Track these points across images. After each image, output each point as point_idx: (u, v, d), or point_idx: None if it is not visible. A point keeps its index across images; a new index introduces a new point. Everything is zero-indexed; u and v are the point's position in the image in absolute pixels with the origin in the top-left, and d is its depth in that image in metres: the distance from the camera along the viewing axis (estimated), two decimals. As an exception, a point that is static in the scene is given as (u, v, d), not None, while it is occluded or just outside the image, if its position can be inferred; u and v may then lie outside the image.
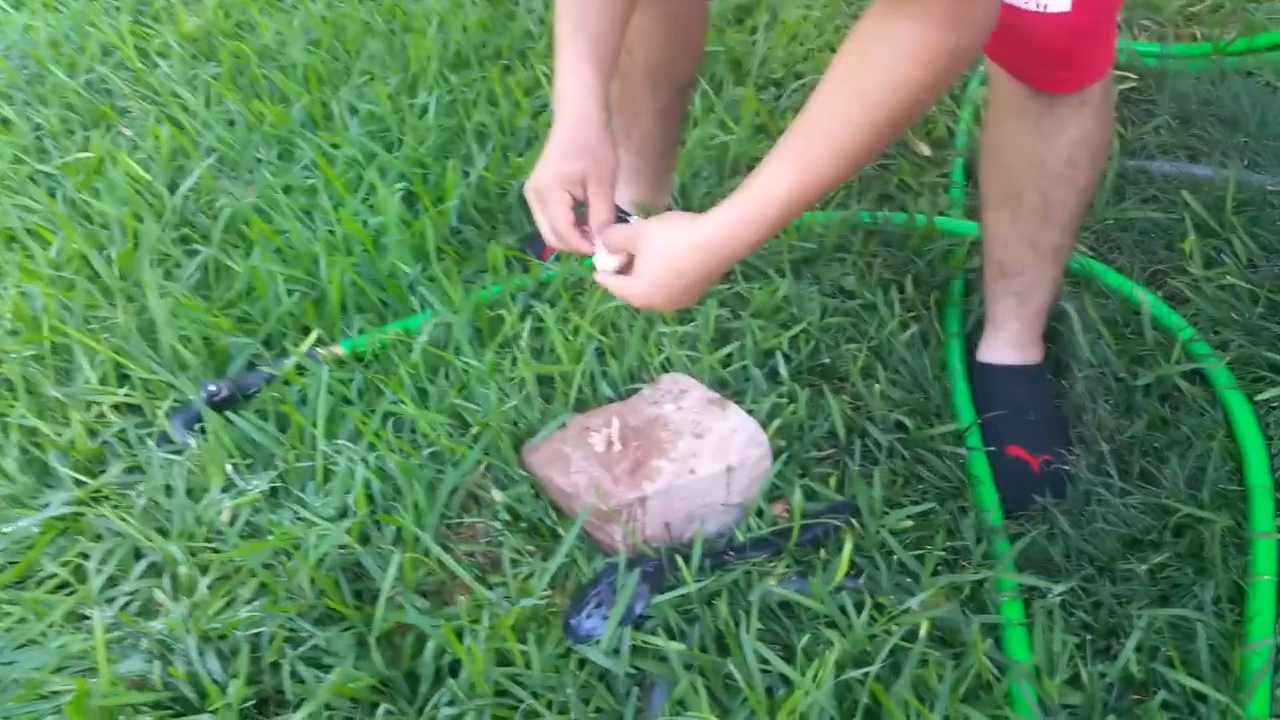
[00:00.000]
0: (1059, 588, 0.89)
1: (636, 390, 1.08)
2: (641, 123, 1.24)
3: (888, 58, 0.68)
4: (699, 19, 1.19)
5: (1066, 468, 1.01)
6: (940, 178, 1.42)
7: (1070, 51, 0.88)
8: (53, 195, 1.44)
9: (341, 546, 0.96)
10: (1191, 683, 0.81)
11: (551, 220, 0.90)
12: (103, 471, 1.07)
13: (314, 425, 1.05)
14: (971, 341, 1.15)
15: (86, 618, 0.95)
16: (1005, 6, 0.82)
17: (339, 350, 1.15)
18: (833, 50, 1.64)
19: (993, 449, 1.03)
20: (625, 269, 0.86)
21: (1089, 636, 0.87)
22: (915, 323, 1.17)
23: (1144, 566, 0.90)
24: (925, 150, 1.47)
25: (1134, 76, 1.55)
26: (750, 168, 1.44)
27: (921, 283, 1.23)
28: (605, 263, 0.88)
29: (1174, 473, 0.97)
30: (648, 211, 1.32)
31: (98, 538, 1.01)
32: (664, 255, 0.80)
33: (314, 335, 1.17)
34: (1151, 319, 1.13)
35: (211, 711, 0.84)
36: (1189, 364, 1.08)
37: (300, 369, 1.12)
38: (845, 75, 0.71)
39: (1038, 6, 0.84)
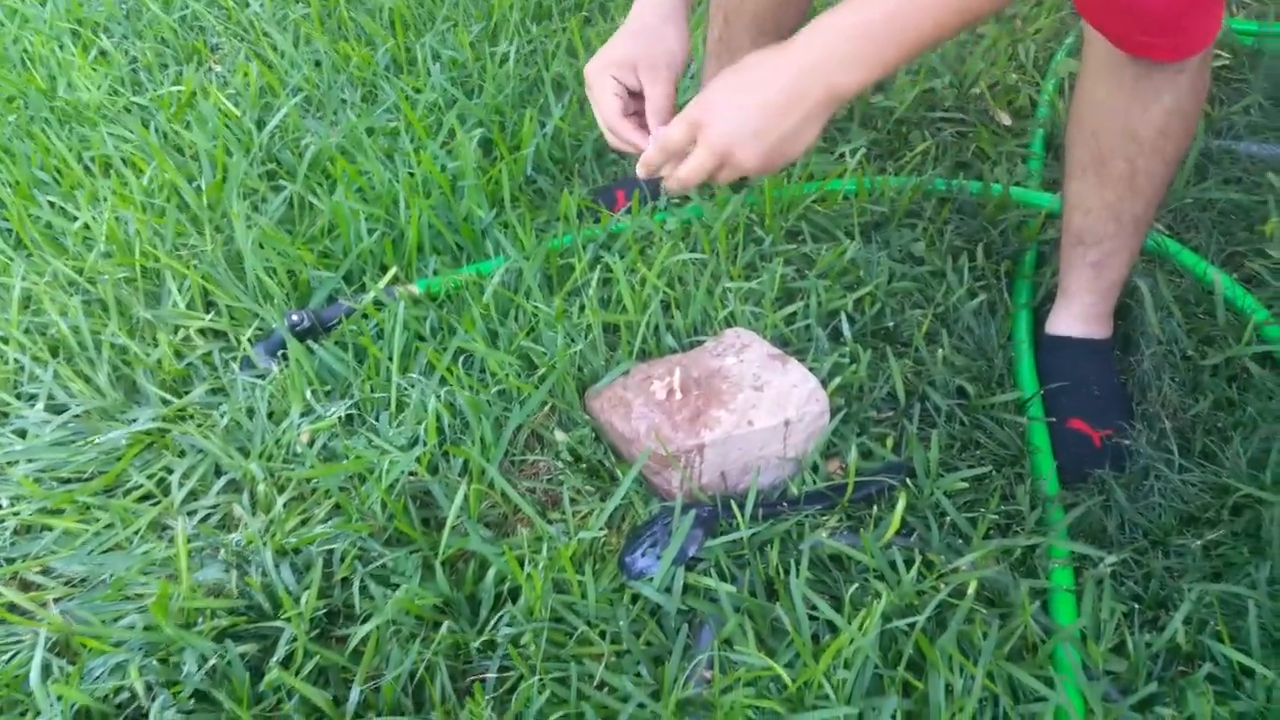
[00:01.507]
0: (1111, 558, 0.89)
1: (699, 343, 1.10)
2: None
3: None
4: None
5: (1127, 443, 1.01)
6: (1019, 148, 1.40)
7: (1178, 19, 0.85)
8: (146, 126, 1.50)
9: (411, 474, 1.00)
10: (1239, 657, 0.81)
11: (597, 107, 0.84)
12: (188, 392, 1.12)
13: (389, 358, 1.09)
14: (1039, 314, 1.15)
15: (169, 528, 1.00)
16: None
17: (414, 289, 1.19)
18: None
19: (1054, 420, 1.04)
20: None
21: (1137, 606, 0.88)
22: (984, 292, 1.17)
23: (1198, 542, 0.90)
24: (1005, 120, 1.45)
25: (1227, 55, 1.50)
26: (841, 130, 1.45)
27: (992, 252, 1.22)
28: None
29: (1236, 453, 0.97)
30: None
31: (181, 454, 1.06)
32: (741, 75, 0.69)
33: (391, 273, 1.21)
34: (1225, 300, 1.11)
35: (285, 619, 0.90)
36: (1261, 347, 1.06)
37: (378, 304, 1.16)
38: None
39: None
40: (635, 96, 0.86)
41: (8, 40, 1.70)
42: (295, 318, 1.14)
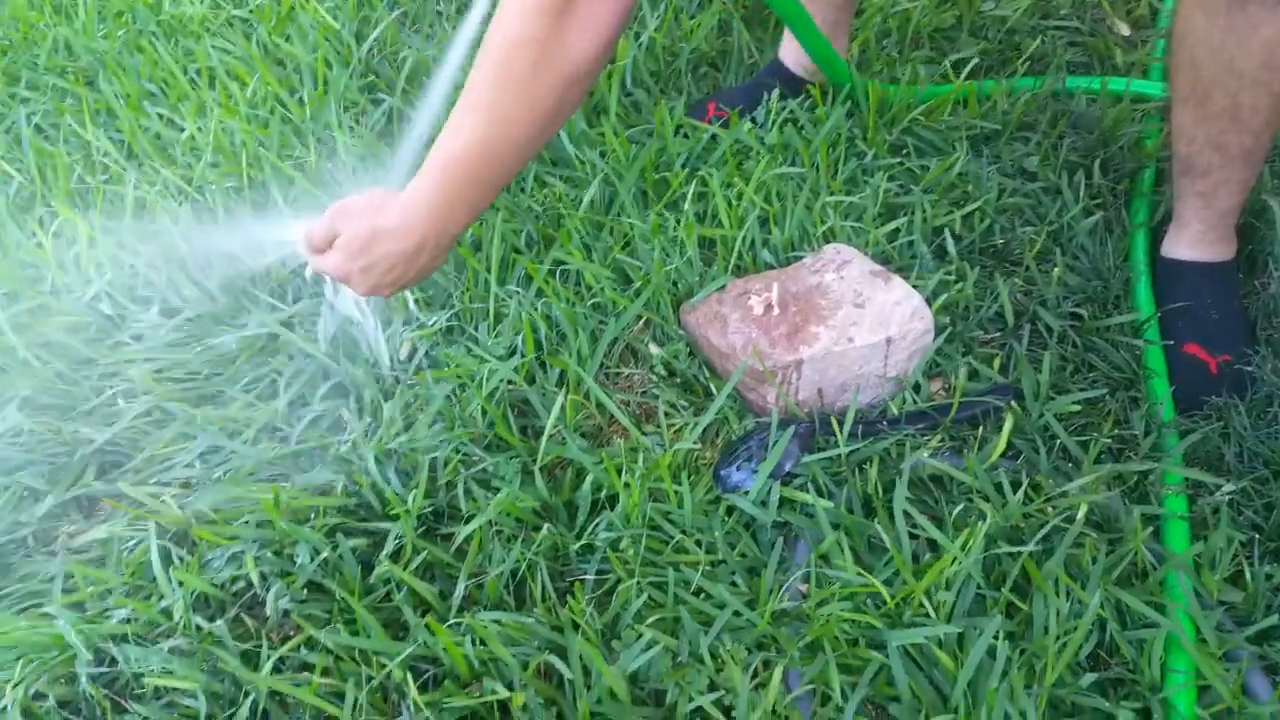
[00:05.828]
0: (1229, 486, 0.86)
1: (797, 259, 1.08)
2: None
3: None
4: None
5: (1249, 369, 0.96)
6: (1141, 59, 1.31)
7: None
8: (248, 39, 1.51)
9: (510, 383, 1.02)
10: (1368, 592, 0.78)
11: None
12: (297, 300, 1.15)
13: (487, 270, 1.10)
14: (1158, 234, 1.09)
15: (279, 429, 1.05)
16: None
17: None
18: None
19: (1170, 344, 0.99)
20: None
21: (1258, 537, 0.85)
22: (1100, 210, 1.11)
23: (1327, 474, 0.86)
24: (1125, 29, 1.36)
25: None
26: (933, 38, 1.38)
27: (1110, 169, 1.16)
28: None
29: (1374, 384, 0.92)
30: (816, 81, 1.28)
31: (290, 358, 1.10)
32: (360, 238, 0.86)
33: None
34: (1369, 222, 1.04)
35: (393, 517, 0.93)
36: (1406, 272, 0.99)
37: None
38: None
39: None
40: None
41: (113, -47, 1.72)
42: None
